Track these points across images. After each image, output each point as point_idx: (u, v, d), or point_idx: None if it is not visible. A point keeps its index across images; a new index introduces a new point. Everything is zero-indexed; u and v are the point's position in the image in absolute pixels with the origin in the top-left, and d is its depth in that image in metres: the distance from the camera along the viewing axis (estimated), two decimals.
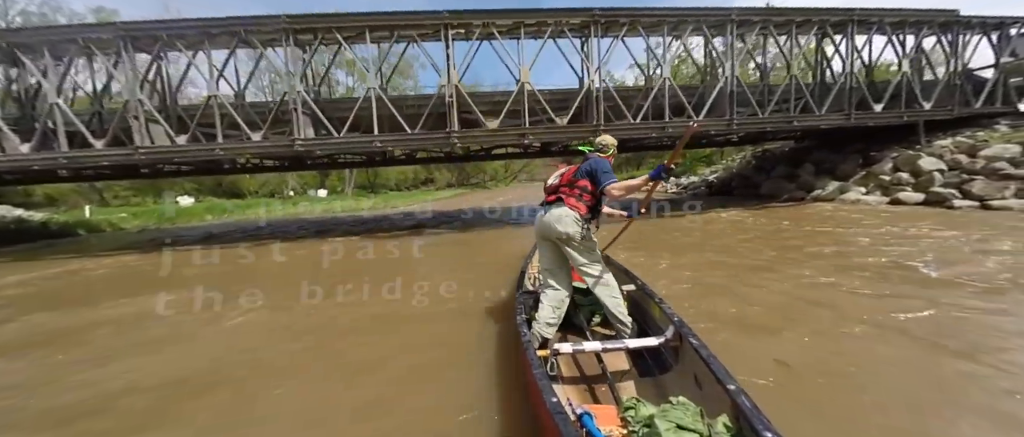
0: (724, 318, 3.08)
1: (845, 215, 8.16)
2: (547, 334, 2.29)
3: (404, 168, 41.59)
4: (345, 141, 7.99)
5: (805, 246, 5.51)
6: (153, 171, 13.00)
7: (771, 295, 3.60)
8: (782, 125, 9.27)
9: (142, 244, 10.38)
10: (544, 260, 2.44)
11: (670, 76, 8.64)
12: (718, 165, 20.32)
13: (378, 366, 2.53)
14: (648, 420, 1.41)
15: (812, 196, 11.29)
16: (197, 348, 3.13)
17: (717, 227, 7.81)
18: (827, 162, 12.49)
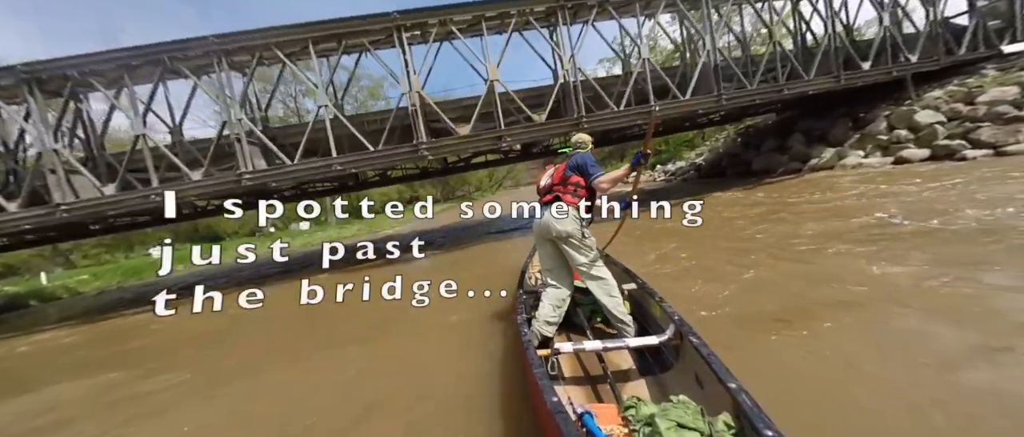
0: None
1: (856, 180, 7.51)
2: (548, 333, 2.28)
3: (387, 189, 40.31)
4: (300, 168, 7.02)
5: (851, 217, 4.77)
6: (105, 227, 11.78)
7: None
8: (772, 95, 8.63)
9: (91, 312, 9.16)
10: (544, 260, 2.42)
11: (649, 57, 7.92)
12: (702, 147, 19.82)
13: (378, 367, 2.52)
14: (649, 419, 1.39)
15: (809, 166, 10.68)
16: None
17: (730, 212, 7.05)
18: (816, 129, 11.95)
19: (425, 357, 2.66)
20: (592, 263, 2.32)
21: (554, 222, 2.28)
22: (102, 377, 3.89)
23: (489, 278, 5.02)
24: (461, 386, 2.20)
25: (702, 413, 1.38)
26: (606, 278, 2.33)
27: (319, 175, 7.24)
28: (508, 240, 8.51)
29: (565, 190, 2.32)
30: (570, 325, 2.62)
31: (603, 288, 2.31)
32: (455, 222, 15.04)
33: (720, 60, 8.17)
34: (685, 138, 20.95)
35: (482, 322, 3.12)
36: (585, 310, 2.69)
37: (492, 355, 2.53)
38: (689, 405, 1.42)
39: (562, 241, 2.30)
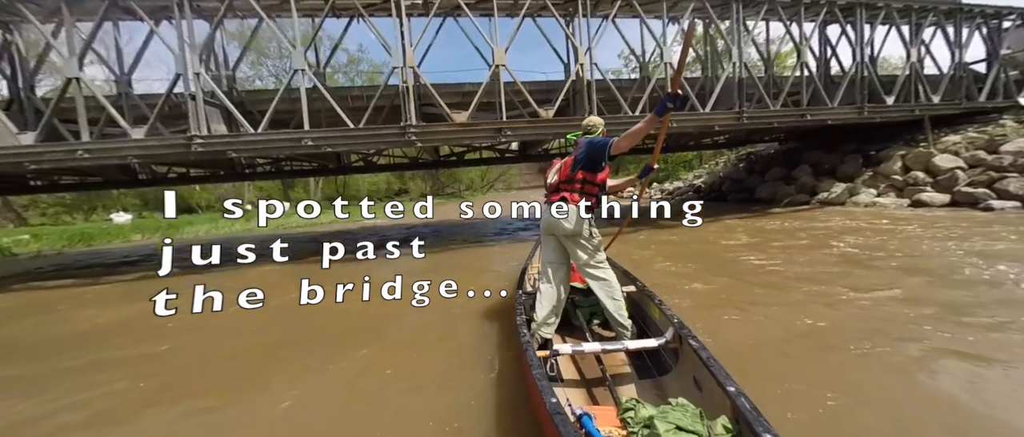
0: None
1: (873, 221, 6.89)
2: (546, 334, 2.26)
3: (376, 179, 38.86)
4: (264, 139, 5.96)
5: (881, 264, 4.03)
6: (48, 184, 10.37)
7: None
8: (793, 119, 7.98)
9: (5, 279, 7.84)
10: (547, 253, 2.40)
11: (672, 63, 7.16)
12: (700, 169, 19.35)
13: (377, 368, 2.44)
14: (648, 421, 1.37)
15: (817, 199, 10.13)
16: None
17: (737, 240, 6.31)
18: (825, 163, 11.46)
19: (423, 358, 2.59)
20: (597, 263, 2.29)
21: (561, 221, 2.23)
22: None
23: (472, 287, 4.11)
24: (459, 387, 2.16)
25: (701, 416, 1.36)
26: (609, 280, 2.28)
27: (287, 149, 6.19)
28: (498, 246, 7.59)
29: (572, 188, 2.25)
30: (569, 327, 2.58)
31: (606, 289, 2.27)
32: (442, 220, 14.04)
33: (745, 76, 7.47)
34: (684, 158, 20.47)
35: (481, 323, 3.04)
36: (584, 312, 2.62)
37: (490, 356, 2.48)
38: (688, 408, 1.40)
39: (568, 239, 2.27)
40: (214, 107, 6.19)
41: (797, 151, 13.24)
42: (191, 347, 3.22)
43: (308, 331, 3.25)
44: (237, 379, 2.59)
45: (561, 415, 1.27)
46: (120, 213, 25.97)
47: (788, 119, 7.99)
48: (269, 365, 2.75)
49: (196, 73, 5.81)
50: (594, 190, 2.24)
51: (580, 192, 2.23)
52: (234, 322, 3.44)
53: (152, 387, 2.56)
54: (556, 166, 2.38)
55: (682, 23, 7.50)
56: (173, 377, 2.71)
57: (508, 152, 12.62)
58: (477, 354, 2.55)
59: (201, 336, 3.38)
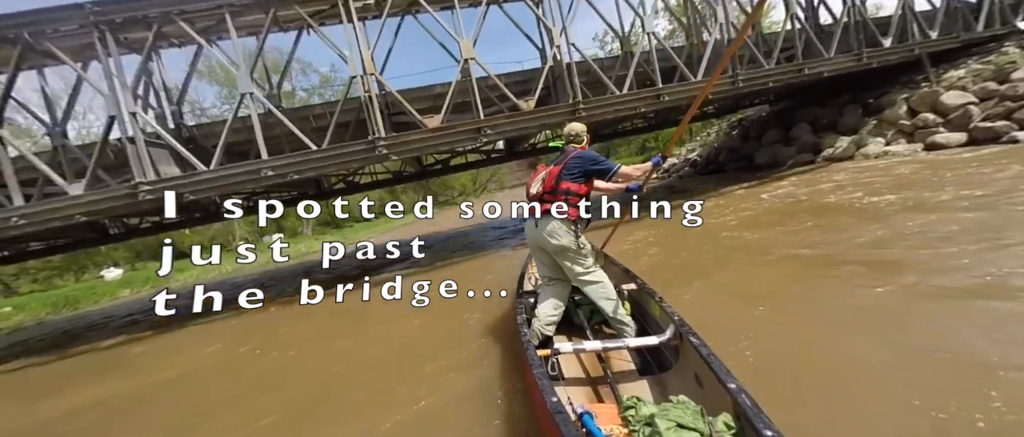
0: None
1: (899, 170, 6.29)
2: (547, 332, 2.24)
3: (370, 197, 38.11)
4: (219, 175, 5.29)
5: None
6: (15, 252, 9.66)
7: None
8: (790, 75, 7.36)
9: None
10: (540, 267, 2.36)
11: (655, 32, 6.52)
12: (693, 142, 18.76)
13: (376, 365, 2.48)
14: (649, 419, 1.36)
15: (823, 156, 9.55)
16: None
17: (753, 214, 5.71)
18: (823, 118, 10.88)
19: (423, 358, 2.55)
20: (587, 269, 2.24)
21: (547, 236, 2.18)
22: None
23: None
24: (460, 387, 2.12)
25: (702, 413, 1.35)
26: (602, 282, 2.25)
27: (248, 182, 5.52)
28: (496, 255, 6.96)
29: (554, 200, 2.17)
30: (570, 325, 2.55)
31: (600, 292, 2.24)
32: (435, 230, 13.38)
33: (733, 37, 6.85)
34: (673, 134, 19.85)
35: (482, 323, 2.98)
36: (585, 310, 2.59)
37: (492, 355, 2.47)
38: (689, 405, 1.39)
39: (558, 254, 2.23)
40: (160, 147, 5.51)
41: (791, 110, 12.64)
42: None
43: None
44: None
45: (562, 414, 1.27)
46: (111, 269, 25.12)
47: (784, 76, 7.38)
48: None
49: (132, 113, 5.13)
50: (577, 201, 2.17)
51: (566, 203, 2.15)
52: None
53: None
54: (540, 174, 2.26)
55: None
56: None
57: (495, 152, 11.97)
58: (478, 354, 2.48)
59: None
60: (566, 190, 2.15)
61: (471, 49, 5.78)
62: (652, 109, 6.89)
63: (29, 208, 5.06)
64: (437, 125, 5.70)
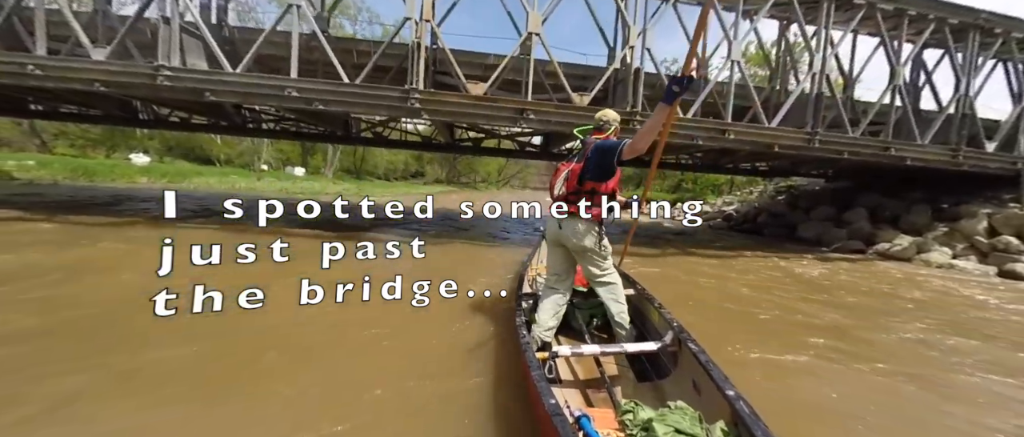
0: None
1: (974, 289, 5.47)
2: (546, 337, 2.20)
3: (395, 157, 38.07)
4: (241, 81, 4.94)
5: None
6: (47, 110, 9.74)
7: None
8: (874, 151, 6.56)
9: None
10: (552, 262, 2.33)
11: (741, 60, 5.84)
12: (731, 196, 17.78)
13: (374, 366, 2.37)
14: (646, 424, 1.36)
15: (875, 250, 8.64)
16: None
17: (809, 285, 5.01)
18: (886, 209, 9.92)
19: (420, 358, 2.43)
20: (604, 271, 2.21)
21: (572, 236, 2.13)
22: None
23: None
24: (457, 388, 2.08)
25: (699, 419, 1.35)
26: (616, 284, 2.24)
27: (269, 97, 5.15)
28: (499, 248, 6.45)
29: (578, 199, 2.07)
30: (568, 329, 2.52)
31: (612, 293, 2.23)
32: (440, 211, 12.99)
33: (825, 93, 6.10)
34: (715, 181, 18.88)
35: (480, 324, 2.91)
36: (584, 314, 2.55)
37: (489, 357, 2.41)
38: (686, 411, 1.39)
39: (578, 253, 2.19)
40: (195, 38, 5.21)
41: (848, 192, 11.66)
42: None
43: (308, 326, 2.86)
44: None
45: (560, 416, 1.26)
46: (140, 155, 25.75)
47: (866, 151, 6.57)
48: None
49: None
50: (602, 201, 2.10)
51: (589, 203, 2.08)
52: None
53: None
54: (562, 173, 2.19)
55: (757, 19, 6.14)
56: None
57: (529, 146, 11.43)
58: (476, 354, 2.48)
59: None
60: (591, 190, 2.06)
61: (539, 23, 5.25)
62: (710, 144, 6.21)
63: (46, 60, 4.83)
64: (480, 94, 5.20)
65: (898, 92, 6.57)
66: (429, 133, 11.77)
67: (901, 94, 6.61)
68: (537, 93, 6.08)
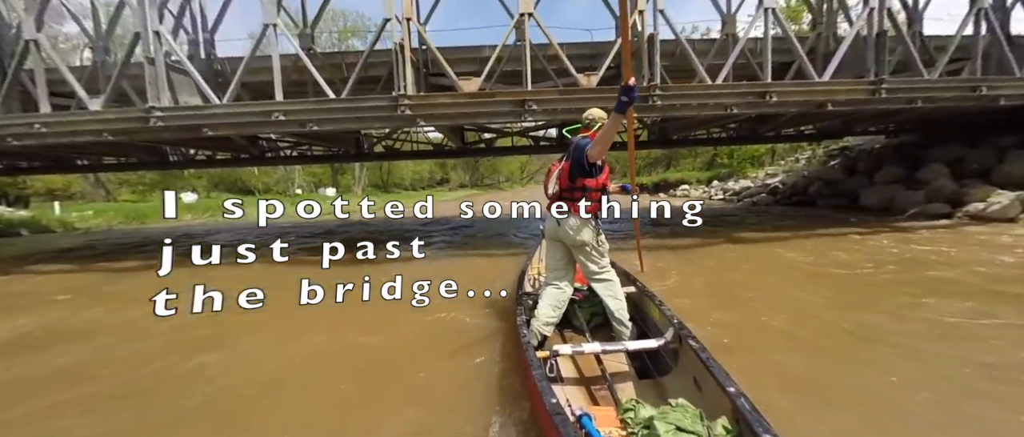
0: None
1: None
2: (545, 332, 2.21)
3: (419, 167, 38.67)
4: (230, 111, 4.72)
5: None
6: (91, 164, 10.35)
7: None
8: (959, 93, 5.34)
9: (37, 255, 7.58)
10: (551, 259, 2.36)
11: (774, 7, 4.89)
12: (775, 167, 16.10)
13: (376, 365, 2.42)
14: (647, 422, 1.34)
15: (965, 211, 7.23)
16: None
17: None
18: (971, 161, 8.35)
19: (421, 357, 2.44)
20: (602, 268, 2.24)
21: (570, 232, 2.16)
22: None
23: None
24: (458, 387, 2.11)
25: (701, 417, 1.33)
26: (613, 281, 2.27)
27: (258, 124, 4.90)
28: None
29: (574, 197, 2.11)
30: (569, 327, 2.54)
31: (610, 290, 2.24)
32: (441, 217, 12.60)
33: (888, 30, 5.00)
34: (755, 152, 17.19)
35: (481, 322, 2.94)
36: (585, 312, 2.57)
37: (490, 356, 2.43)
38: (688, 408, 1.37)
39: (576, 249, 2.22)
40: (181, 74, 5.07)
41: (916, 147, 10.01)
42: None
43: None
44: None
45: (561, 415, 1.27)
46: (189, 193, 27.60)
47: (947, 95, 5.37)
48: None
49: (155, 32, 4.67)
50: (596, 196, 2.13)
51: (583, 199, 2.10)
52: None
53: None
54: (554, 173, 2.23)
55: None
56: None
57: (544, 140, 10.77)
58: (475, 354, 2.45)
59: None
60: (582, 186, 2.09)
61: (531, 2, 4.63)
62: (748, 111, 5.30)
63: (50, 117, 4.85)
64: (473, 90, 4.66)
65: (983, 17, 5.29)
66: (441, 140, 11.42)
67: (988, 18, 5.33)
68: (542, 81, 5.47)
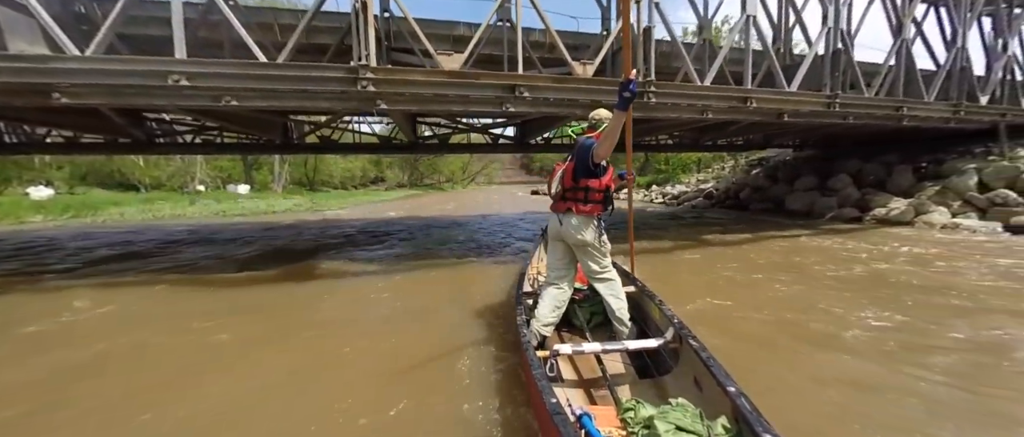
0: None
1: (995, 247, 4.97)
2: (545, 332, 2.20)
3: (350, 164, 35.12)
4: (99, 68, 3.28)
5: None
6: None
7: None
8: (888, 111, 5.98)
9: None
10: (553, 259, 2.33)
11: (755, 14, 4.92)
12: (704, 173, 17.57)
13: (377, 363, 2.37)
14: (648, 421, 1.34)
15: (873, 216, 8.32)
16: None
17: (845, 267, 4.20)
18: (868, 174, 9.73)
19: (421, 357, 2.42)
20: (603, 268, 2.22)
21: (574, 231, 2.14)
22: None
23: None
24: (457, 386, 2.07)
25: (701, 416, 1.33)
26: (615, 280, 2.25)
27: (153, 90, 3.50)
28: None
29: (577, 197, 2.12)
30: (569, 327, 2.53)
31: (611, 290, 2.23)
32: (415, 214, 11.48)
33: (841, 51, 5.37)
34: (686, 160, 18.61)
35: (480, 323, 2.90)
36: (585, 312, 2.57)
37: (490, 355, 2.39)
38: (688, 408, 1.37)
39: (578, 248, 2.20)
40: (18, 10, 3.44)
41: (821, 160, 11.51)
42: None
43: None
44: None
45: (561, 415, 1.26)
46: (40, 187, 21.54)
47: (879, 113, 5.98)
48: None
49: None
50: (599, 197, 2.12)
51: (586, 200, 2.10)
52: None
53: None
54: (557, 173, 2.22)
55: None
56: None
57: (503, 138, 10.16)
58: (476, 354, 2.41)
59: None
60: (586, 187, 2.09)
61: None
62: (724, 116, 5.29)
63: None
64: (457, 67, 3.87)
65: (906, 46, 6.00)
66: (388, 133, 10.15)
67: (907, 48, 6.06)
68: (527, 67, 4.85)
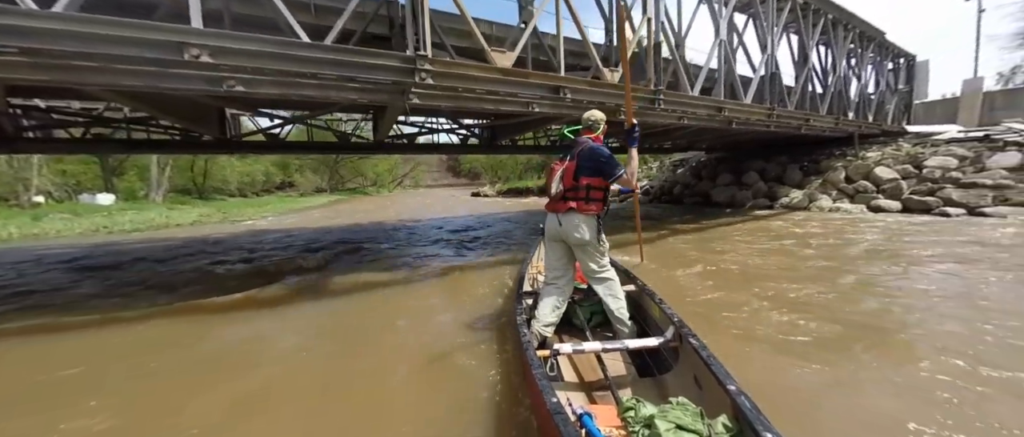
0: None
1: (870, 225, 6.91)
2: (546, 333, 2.23)
3: (249, 168, 30.15)
4: (78, 30, 2.58)
5: None
6: None
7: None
8: (799, 122, 7.76)
9: None
10: (550, 259, 2.37)
11: (727, 38, 6.00)
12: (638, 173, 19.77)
13: (378, 367, 2.39)
14: (648, 420, 1.36)
15: (781, 204, 10.53)
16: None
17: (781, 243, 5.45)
18: (770, 171, 12.22)
19: (422, 357, 2.48)
20: (602, 267, 2.26)
21: (572, 231, 2.19)
22: None
23: None
24: (459, 387, 2.11)
25: (701, 415, 1.35)
26: (613, 280, 2.29)
27: (161, 74, 2.86)
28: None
29: (578, 196, 2.17)
30: (570, 326, 2.54)
31: (610, 290, 2.27)
32: (331, 223, 10.76)
33: (774, 73, 6.84)
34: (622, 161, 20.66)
35: (480, 323, 2.93)
36: (585, 311, 2.58)
37: (490, 355, 2.44)
38: (688, 407, 1.39)
39: (577, 247, 2.24)
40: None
41: (735, 160, 14.07)
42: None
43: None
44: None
45: (562, 415, 1.27)
46: None
47: (793, 122, 7.72)
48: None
49: None
50: (600, 196, 2.18)
51: (588, 199, 2.15)
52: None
53: None
54: (557, 173, 2.25)
55: (729, 7, 6.40)
56: None
57: (472, 138, 10.19)
58: (476, 354, 2.45)
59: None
60: (587, 186, 2.14)
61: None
62: (701, 123, 6.27)
63: None
64: (508, 65, 3.98)
65: (811, 72, 7.85)
66: (349, 129, 9.39)
67: (818, 76, 7.93)
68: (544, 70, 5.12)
